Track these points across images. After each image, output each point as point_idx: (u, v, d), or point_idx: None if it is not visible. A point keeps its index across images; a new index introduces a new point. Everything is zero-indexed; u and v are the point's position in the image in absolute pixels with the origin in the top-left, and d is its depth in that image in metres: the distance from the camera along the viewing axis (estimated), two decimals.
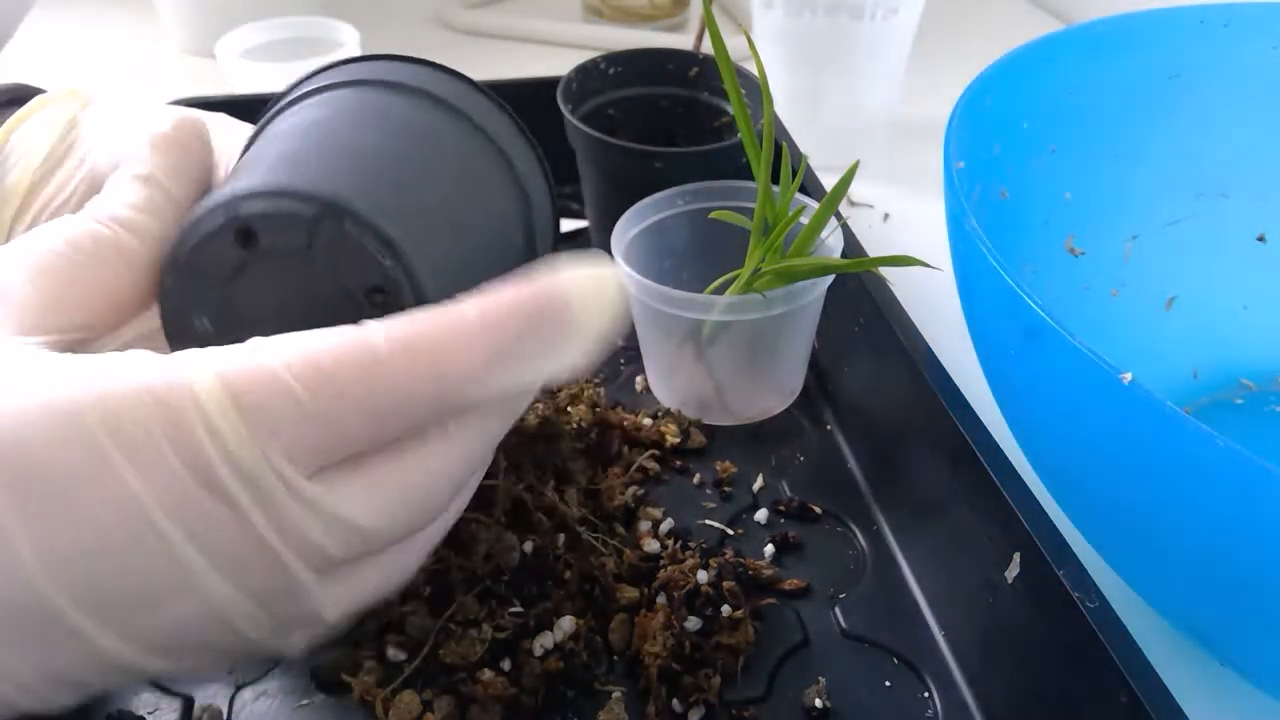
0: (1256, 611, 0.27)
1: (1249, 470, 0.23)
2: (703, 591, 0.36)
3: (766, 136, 0.41)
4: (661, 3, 0.88)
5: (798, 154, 0.52)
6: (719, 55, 0.41)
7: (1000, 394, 0.36)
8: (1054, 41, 0.42)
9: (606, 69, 0.54)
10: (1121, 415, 0.26)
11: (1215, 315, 0.46)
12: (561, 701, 0.34)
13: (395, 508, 0.22)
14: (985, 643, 0.34)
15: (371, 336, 0.21)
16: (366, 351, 0.21)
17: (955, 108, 0.38)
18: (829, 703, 0.34)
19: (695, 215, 0.47)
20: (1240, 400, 0.46)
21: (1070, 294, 0.44)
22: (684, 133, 0.56)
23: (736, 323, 0.42)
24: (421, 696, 0.33)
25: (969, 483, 0.34)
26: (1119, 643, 0.27)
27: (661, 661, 0.34)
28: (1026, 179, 0.41)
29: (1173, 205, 0.46)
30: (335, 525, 0.21)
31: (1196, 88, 0.44)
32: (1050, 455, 0.34)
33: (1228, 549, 0.26)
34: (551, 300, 0.22)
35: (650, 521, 0.40)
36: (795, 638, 0.37)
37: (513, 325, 0.22)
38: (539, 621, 0.35)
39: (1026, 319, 0.29)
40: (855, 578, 0.39)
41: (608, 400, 0.46)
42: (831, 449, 0.45)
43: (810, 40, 0.63)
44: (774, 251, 0.41)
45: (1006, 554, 0.32)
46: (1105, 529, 0.33)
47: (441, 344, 0.21)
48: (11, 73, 0.77)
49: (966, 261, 0.34)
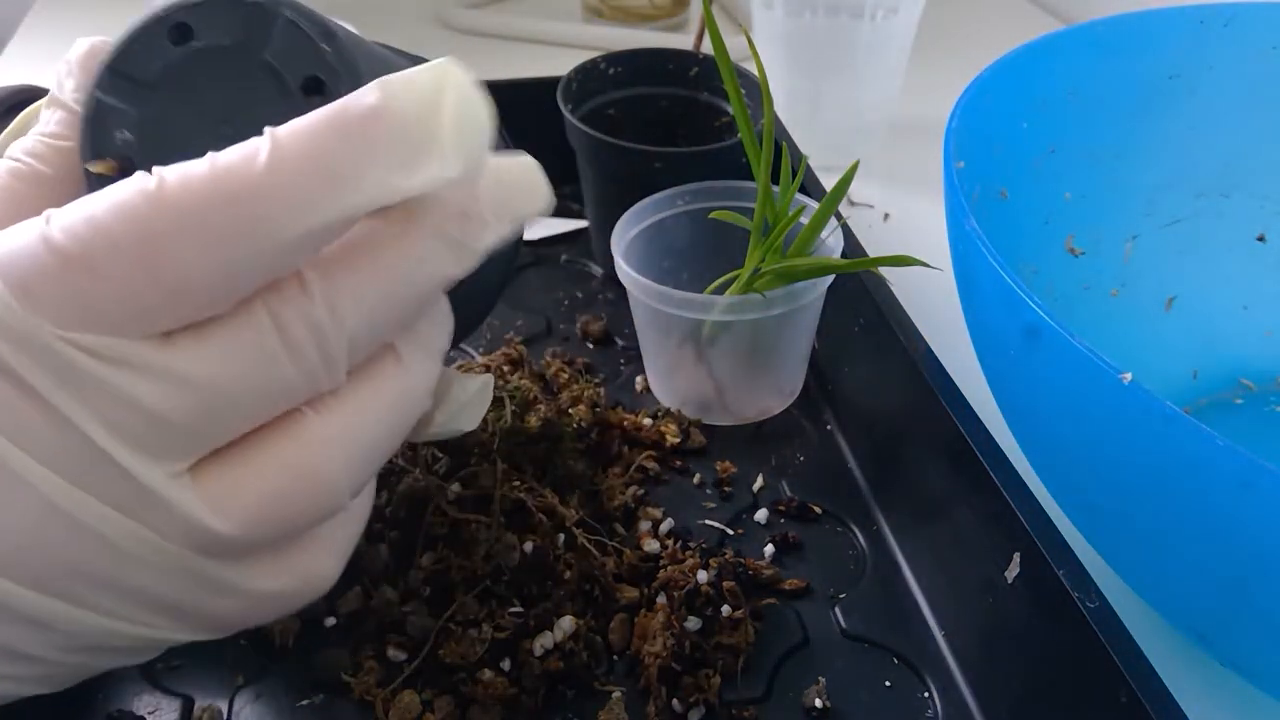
0: (1256, 611, 0.27)
1: (1249, 470, 0.23)
2: (703, 591, 0.36)
3: (766, 136, 0.41)
4: (661, 3, 0.88)
5: (798, 154, 0.52)
6: (719, 55, 0.41)
7: (1000, 394, 0.36)
8: (1054, 41, 0.42)
9: (606, 69, 0.54)
10: (1121, 415, 0.26)
11: (1215, 315, 0.46)
12: (561, 701, 0.34)
13: (257, 512, 0.20)
14: (985, 643, 0.34)
15: (159, 183, 0.19)
16: (148, 198, 0.18)
17: (955, 108, 0.38)
18: (829, 703, 0.34)
19: (695, 215, 0.47)
20: (1240, 400, 0.46)
21: (1070, 294, 0.44)
22: (684, 133, 0.56)
23: (736, 323, 0.42)
24: (421, 696, 0.33)
25: (969, 483, 0.34)
26: (1119, 643, 0.27)
27: (661, 661, 0.34)
28: (1026, 179, 0.41)
29: (1173, 205, 0.46)
30: (166, 383, 0.19)
31: (1196, 88, 0.44)
32: (1050, 455, 0.34)
33: (1228, 549, 0.26)
34: (375, 105, 0.19)
35: (650, 521, 0.40)
36: (795, 638, 0.37)
37: (325, 140, 0.19)
38: (539, 621, 0.35)
39: (1026, 319, 0.29)
40: (855, 578, 0.39)
41: (608, 400, 0.46)
42: (831, 449, 0.45)
43: (810, 40, 0.63)
44: (774, 251, 0.41)
45: (1006, 554, 0.32)
46: (1105, 529, 0.33)
47: (235, 169, 0.19)
48: (11, 72, 0.77)
49: (966, 261, 0.34)
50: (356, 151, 0.19)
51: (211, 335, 0.20)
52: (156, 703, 0.34)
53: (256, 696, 0.34)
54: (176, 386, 0.19)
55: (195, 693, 0.34)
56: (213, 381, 0.19)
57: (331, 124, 0.19)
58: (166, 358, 0.19)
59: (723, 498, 0.43)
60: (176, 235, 0.18)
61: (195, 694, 0.34)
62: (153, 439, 0.19)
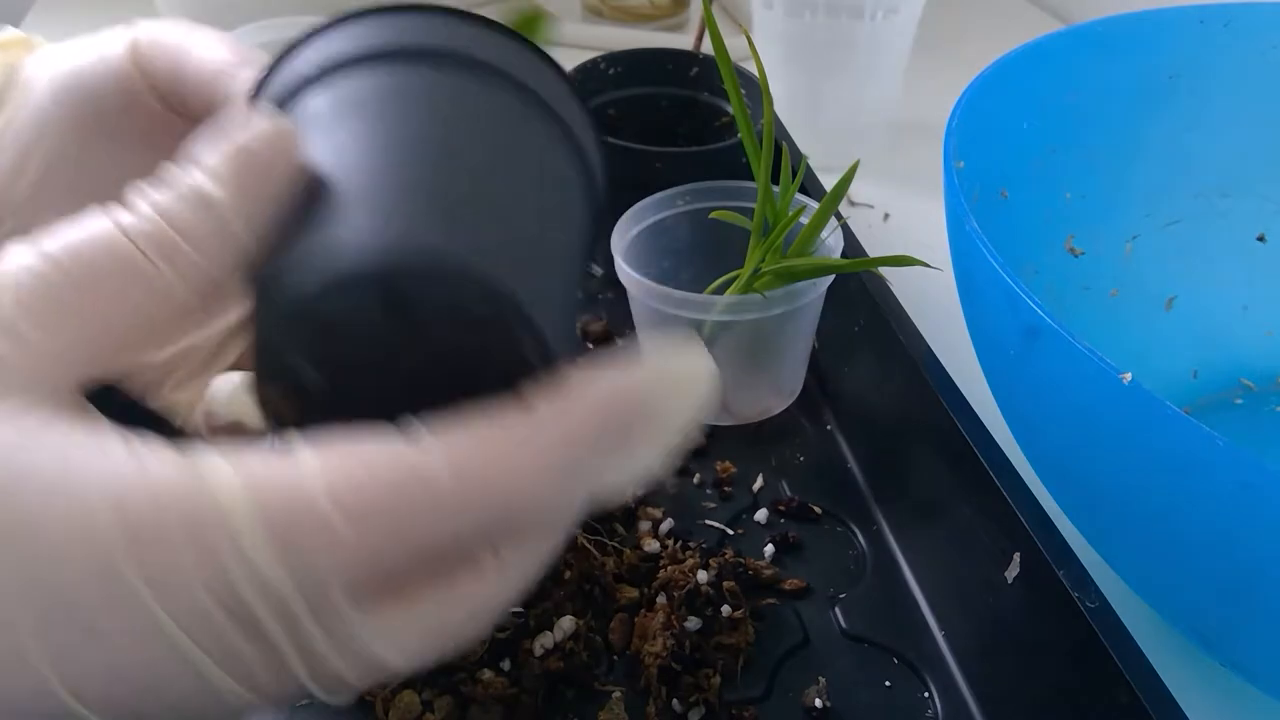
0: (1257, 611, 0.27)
1: (1249, 470, 0.23)
2: (703, 591, 0.36)
3: (766, 136, 0.41)
4: (661, 3, 0.88)
5: (798, 154, 0.52)
6: (719, 55, 0.41)
7: (1000, 394, 0.36)
8: (1054, 41, 0.42)
9: (606, 69, 0.54)
10: (1121, 415, 0.26)
11: (1215, 315, 0.46)
12: (561, 701, 0.34)
13: (432, 644, 0.20)
14: (985, 643, 0.34)
15: (428, 461, 0.18)
16: (421, 481, 0.18)
17: (955, 108, 0.38)
18: (829, 703, 0.34)
19: (695, 215, 0.47)
20: (1240, 400, 0.46)
21: (1070, 294, 0.44)
22: (684, 133, 0.56)
23: (736, 323, 0.42)
24: (421, 696, 0.33)
25: (969, 483, 0.34)
26: (1119, 643, 0.27)
27: (661, 661, 0.34)
28: (1026, 179, 0.41)
29: (1173, 205, 0.46)
30: (361, 660, 0.19)
31: (1196, 88, 0.44)
32: (1050, 455, 0.34)
33: (1228, 549, 0.26)
34: (635, 401, 0.19)
35: (650, 521, 0.40)
36: (795, 638, 0.37)
37: (590, 435, 0.19)
38: (539, 621, 0.35)
39: (1026, 319, 0.29)
40: (855, 578, 0.39)
41: None
42: (831, 449, 0.45)
43: (810, 40, 0.63)
44: (774, 251, 0.41)
45: (1006, 554, 0.32)
46: (1105, 529, 0.33)
47: (510, 464, 0.18)
48: None
49: (966, 261, 0.34)
50: (616, 451, 0.19)
51: (405, 604, 0.20)
52: None
53: None
54: (368, 662, 0.19)
55: None
56: (386, 660, 0.19)
57: (604, 416, 0.19)
58: (369, 633, 0.19)
59: (722, 498, 0.43)
60: (444, 528, 0.18)
61: None
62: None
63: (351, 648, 0.19)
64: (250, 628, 0.18)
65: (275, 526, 0.18)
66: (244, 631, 0.18)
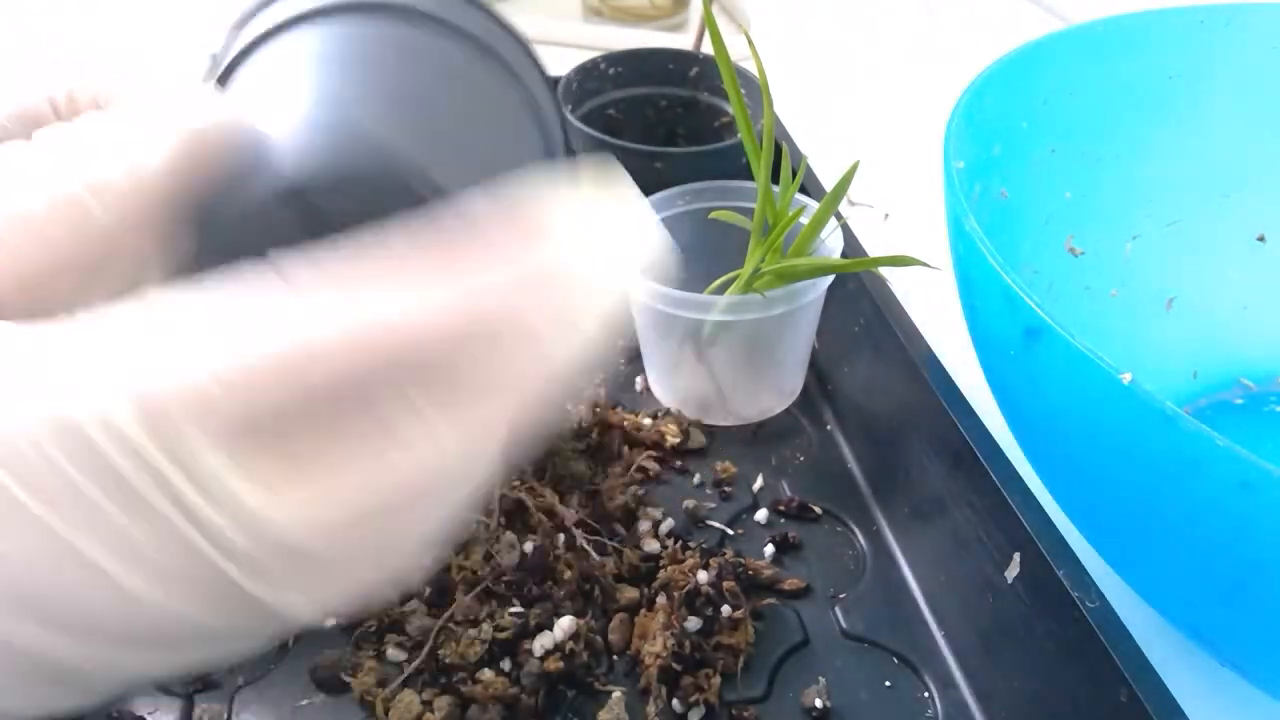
0: (1256, 611, 0.27)
1: (1249, 470, 0.23)
2: (703, 591, 0.36)
3: (766, 136, 0.41)
4: (661, 3, 0.88)
5: (798, 154, 0.52)
6: (719, 55, 0.41)
7: (1000, 394, 0.36)
8: (1054, 41, 0.42)
9: (606, 69, 0.54)
10: (1121, 415, 0.26)
11: (1215, 315, 0.46)
12: (561, 701, 0.34)
13: (350, 518, 0.18)
14: (985, 643, 0.34)
15: (298, 300, 0.17)
16: (290, 319, 0.17)
17: (955, 108, 0.38)
18: (829, 703, 0.34)
19: (695, 215, 0.47)
20: (1240, 400, 0.46)
21: (1070, 294, 0.44)
22: (684, 133, 0.56)
23: (736, 323, 0.42)
24: (421, 696, 0.33)
25: (969, 483, 0.34)
26: (1119, 643, 0.27)
27: (661, 661, 0.34)
28: (1026, 179, 0.41)
29: (1173, 205, 0.46)
30: (263, 533, 0.18)
31: (1196, 88, 0.44)
32: (1050, 455, 0.34)
33: (1228, 549, 0.26)
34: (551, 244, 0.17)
35: (650, 521, 0.40)
36: (795, 638, 0.37)
37: (501, 277, 0.17)
38: (539, 621, 0.35)
39: (1026, 319, 0.29)
40: (855, 578, 0.39)
41: (608, 400, 0.46)
42: (831, 449, 0.45)
43: None
44: (774, 251, 0.41)
45: (1006, 554, 0.32)
46: (1105, 529, 0.33)
47: (398, 296, 0.17)
48: None
49: (966, 261, 0.34)
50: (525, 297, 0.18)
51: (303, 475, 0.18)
52: (156, 703, 0.34)
53: (257, 696, 0.34)
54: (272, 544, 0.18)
55: (195, 693, 0.34)
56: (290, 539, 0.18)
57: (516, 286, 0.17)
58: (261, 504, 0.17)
59: (723, 498, 0.43)
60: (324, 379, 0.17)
61: (195, 694, 0.34)
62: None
63: (242, 517, 0.17)
64: (137, 506, 0.17)
65: (158, 422, 0.16)
66: (134, 512, 0.17)
